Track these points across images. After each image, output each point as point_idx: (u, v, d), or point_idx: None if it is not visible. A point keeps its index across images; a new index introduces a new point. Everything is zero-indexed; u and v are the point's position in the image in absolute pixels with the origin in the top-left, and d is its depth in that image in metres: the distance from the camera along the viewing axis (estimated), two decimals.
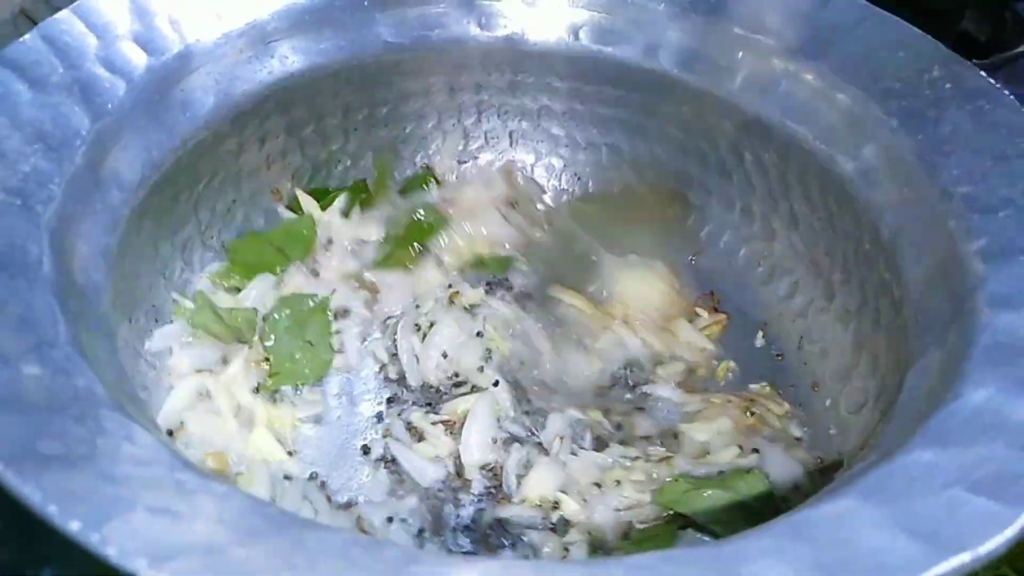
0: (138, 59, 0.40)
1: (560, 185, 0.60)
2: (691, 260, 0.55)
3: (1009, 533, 0.21)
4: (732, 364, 0.49)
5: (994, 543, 0.21)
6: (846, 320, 0.48)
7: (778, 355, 0.51)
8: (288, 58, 0.48)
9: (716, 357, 0.50)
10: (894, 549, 0.21)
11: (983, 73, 0.41)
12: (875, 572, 0.20)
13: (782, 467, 0.40)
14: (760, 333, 0.52)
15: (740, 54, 0.49)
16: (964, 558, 0.20)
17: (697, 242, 0.54)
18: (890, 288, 0.42)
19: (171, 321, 0.45)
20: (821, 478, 0.40)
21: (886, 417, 0.33)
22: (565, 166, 0.60)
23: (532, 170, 0.60)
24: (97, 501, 0.21)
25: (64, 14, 0.39)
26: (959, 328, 0.32)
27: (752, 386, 0.48)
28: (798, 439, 0.45)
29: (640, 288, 0.52)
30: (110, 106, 0.38)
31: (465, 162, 0.60)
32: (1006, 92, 0.40)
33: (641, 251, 0.53)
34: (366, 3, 0.50)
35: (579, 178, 0.60)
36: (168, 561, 0.19)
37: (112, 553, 0.19)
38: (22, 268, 0.29)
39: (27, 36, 0.37)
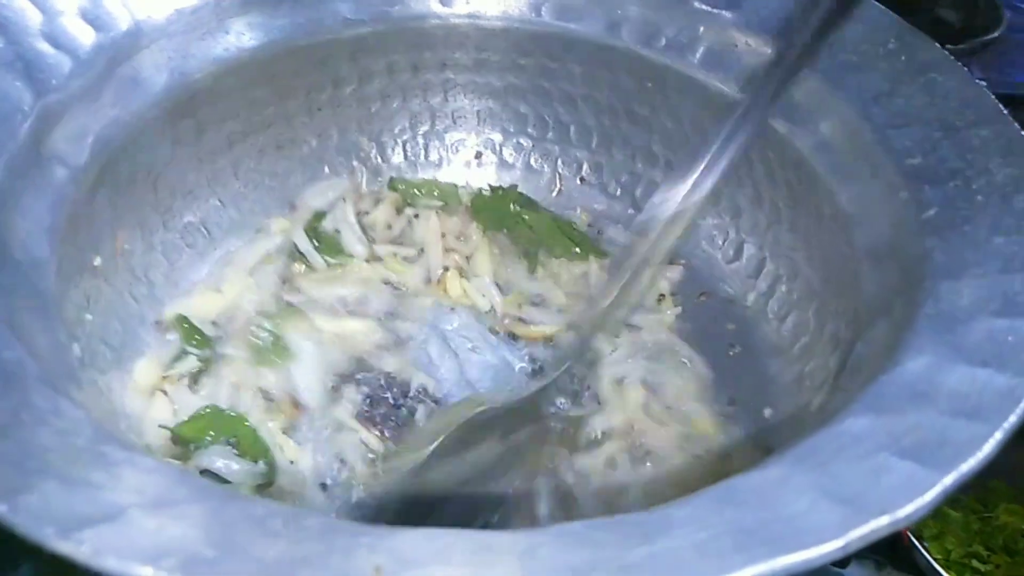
0: (85, 36, 0.40)
1: (531, 164, 0.60)
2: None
3: (930, 496, 0.21)
4: None
5: (914, 506, 0.21)
6: (811, 297, 0.48)
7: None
8: (244, 35, 0.48)
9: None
10: (815, 513, 0.21)
11: (937, 44, 0.41)
12: (793, 536, 0.20)
13: None
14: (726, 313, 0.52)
15: (701, 29, 0.49)
16: (882, 521, 0.20)
17: None
18: (848, 261, 0.42)
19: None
20: None
21: (832, 388, 0.33)
22: (534, 145, 0.60)
23: (500, 150, 0.60)
24: (12, 471, 0.20)
25: None
26: (905, 298, 0.32)
27: None
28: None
29: None
30: (54, 82, 0.37)
31: (433, 142, 0.60)
32: (959, 64, 0.40)
33: None
34: None
35: (547, 157, 0.59)
36: (77, 530, 0.19)
37: (18, 522, 0.19)
38: None
39: None
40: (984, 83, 0.72)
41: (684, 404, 0.46)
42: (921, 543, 0.43)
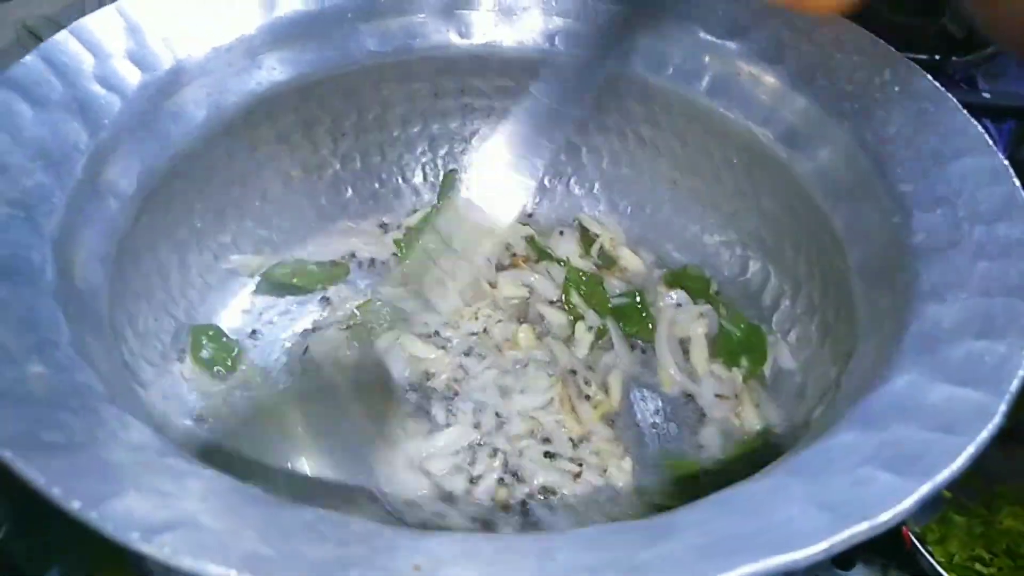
0: (132, 76, 0.43)
1: (544, 184, 0.62)
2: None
3: (906, 503, 0.24)
4: None
5: (891, 513, 0.24)
6: (812, 312, 0.50)
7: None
8: (275, 69, 0.51)
9: None
10: (803, 519, 0.24)
11: (928, 76, 0.43)
12: (784, 539, 0.23)
13: None
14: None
15: (707, 58, 0.51)
16: (863, 526, 0.23)
17: None
18: (846, 280, 0.44)
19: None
20: None
21: (827, 403, 0.36)
22: (547, 166, 0.62)
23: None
24: (95, 483, 0.23)
25: (62, 35, 0.41)
26: (895, 318, 0.34)
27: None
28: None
29: None
30: (106, 121, 0.40)
31: (451, 164, 0.63)
32: (948, 95, 0.42)
33: None
34: (349, 15, 0.52)
35: (560, 177, 0.62)
36: (158, 534, 0.22)
37: (109, 528, 0.22)
38: (26, 276, 0.32)
39: (28, 57, 0.40)
40: (988, 95, 0.74)
41: None
42: (925, 547, 0.44)
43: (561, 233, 0.60)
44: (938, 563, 0.43)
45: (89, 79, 0.41)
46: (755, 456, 0.46)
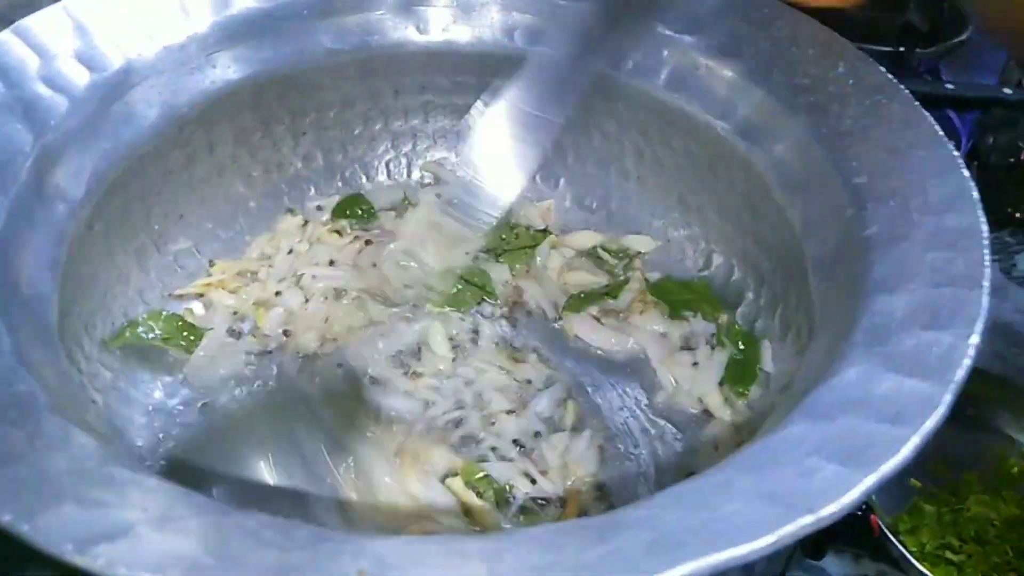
0: (80, 76, 0.42)
1: None
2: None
3: (852, 495, 0.24)
4: None
5: (837, 504, 0.24)
6: (775, 304, 0.50)
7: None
8: (230, 67, 0.50)
9: None
10: (750, 513, 0.24)
11: (882, 68, 0.43)
12: (730, 533, 0.23)
13: None
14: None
15: (665, 52, 0.52)
16: (808, 519, 0.23)
17: None
18: (804, 273, 0.44)
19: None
20: None
21: (782, 395, 0.36)
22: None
23: None
24: (30, 496, 0.23)
25: (4, 35, 0.41)
26: (847, 310, 0.35)
27: None
28: None
29: None
30: (53, 123, 0.40)
31: (415, 161, 0.62)
32: (901, 87, 0.42)
33: None
34: (305, 12, 0.52)
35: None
36: (93, 546, 0.21)
37: (40, 540, 0.21)
38: None
39: None
40: (951, 86, 0.75)
41: None
42: (897, 537, 0.44)
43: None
44: (910, 553, 0.43)
45: (34, 80, 0.40)
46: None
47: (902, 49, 0.75)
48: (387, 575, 0.23)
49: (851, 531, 0.46)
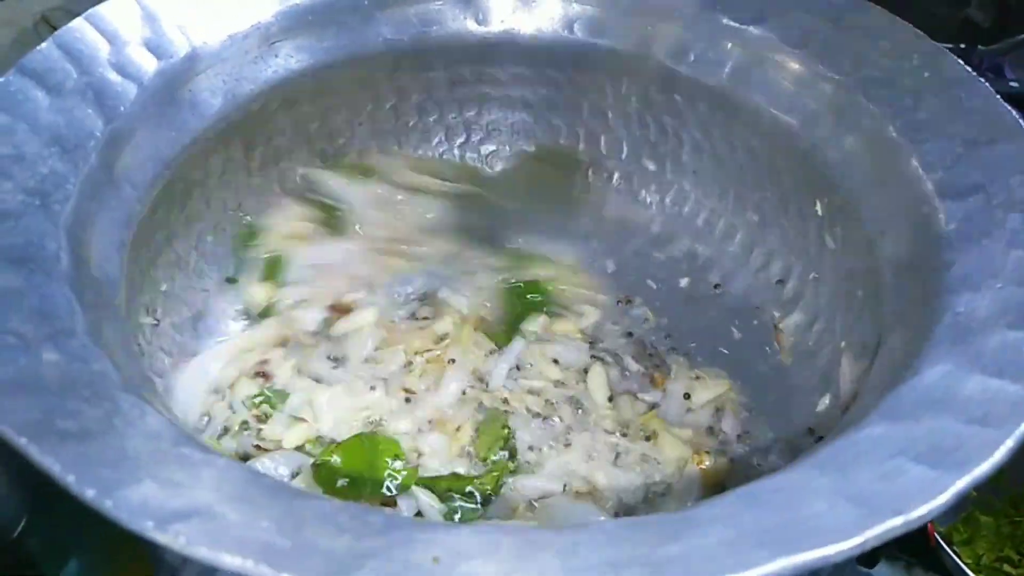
0: (148, 63, 0.43)
1: None
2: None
3: (942, 498, 0.23)
4: None
5: (927, 507, 0.23)
6: (837, 304, 0.49)
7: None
8: (292, 57, 0.50)
9: None
10: (833, 514, 0.23)
11: (960, 62, 0.42)
12: (812, 534, 0.22)
13: None
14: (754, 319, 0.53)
15: (729, 45, 0.50)
16: (896, 521, 0.22)
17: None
18: (874, 271, 0.43)
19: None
20: None
21: (856, 395, 0.35)
22: None
23: None
24: (109, 472, 0.23)
25: (77, 22, 0.41)
26: (925, 309, 0.34)
27: None
28: None
29: None
30: (122, 108, 0.40)
31: (468, 154, 0.62)
32: (981, 80, 0.41)
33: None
34: (366, 2, 0.52)
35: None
36: (172, 523, 0.21)
37: (123, 516, 0.21)
38: (41, 263, 0.32)
39: (43, 45, 0.39)
40: (1016, 84, 0.72)
41: None
42: (951, 548, 0.43)
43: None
44: (965, 564, 0.42)
45: (105, 66, 0.41)
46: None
47: (963, 46, 0.72)
48: (461, 564, 0.22)
49: (905, 539, 0.45)
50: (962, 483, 0.23)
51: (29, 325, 0.28)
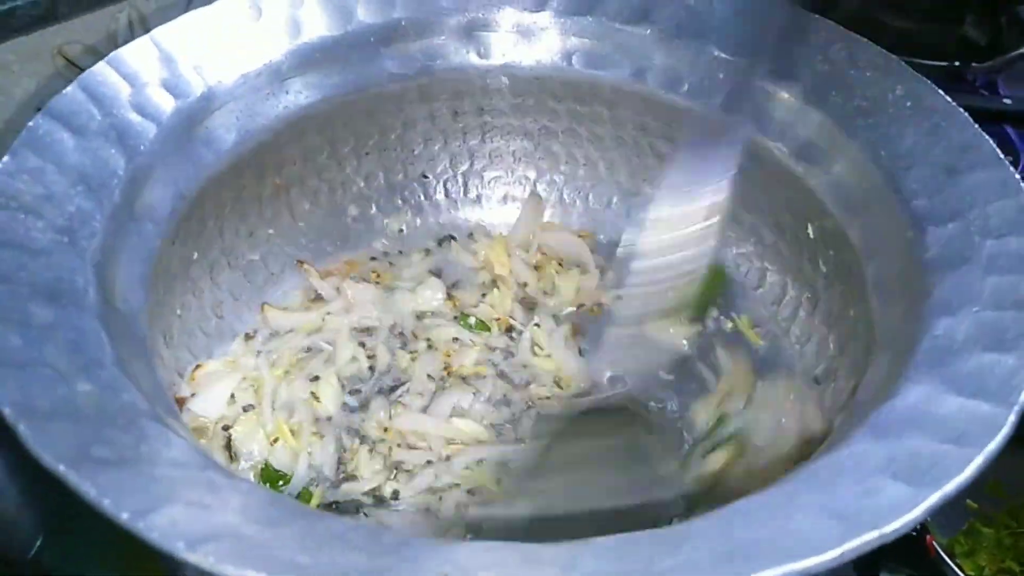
0: (166, 103, 0.45)
1: (563, 199, 0.64)
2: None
3: (916, 512, 0.25)
4: None
5: (901, 521, 0.24)
6: (830, 323, 0.51)
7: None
8: (301, 93, 0.52)
9: None
10: (815, 529, 0.25)
11: (941, 92, 0.44)
12: (795, 548, 0.24)
13: None
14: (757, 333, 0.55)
15: (721, 75, 0.53)
16: (872, 535, 0.24)
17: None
18: (862, 293, 0.45)
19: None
20: None
21: (843, 414, 0.37)
22: (566, 181, 0.64)
23: (535, 185, 0.64)
24: (142, 496, 0.25)
25: (100, 66, 0.43)
26: (907, 331, 0.35)
27: None
28: None
29: None
30: (142, 147, 0.42)
31: (472, 180, 0.64)
32: (960, 110, 0.43)
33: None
34: (371, 39, 0.54)
35: (579, 192, 0.63)
36: (202, 544, 0.23)
37: (155, 537, 0.23)
38: (72, 298, 0.34)
39: (68, 88, 0.42)
40: (1009, 101, 0.74)
41: None
42: (953, 560, 0.44)
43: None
44: None
45: (126, 107, 0.43)
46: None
47: (958, 64, 0.74)
48: None
49: (905, 551, 0.46)
50: (934, 499, 0.25)
51: (64, 358, 0.30)
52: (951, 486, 0.25)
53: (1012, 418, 0.28)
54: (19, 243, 0.34)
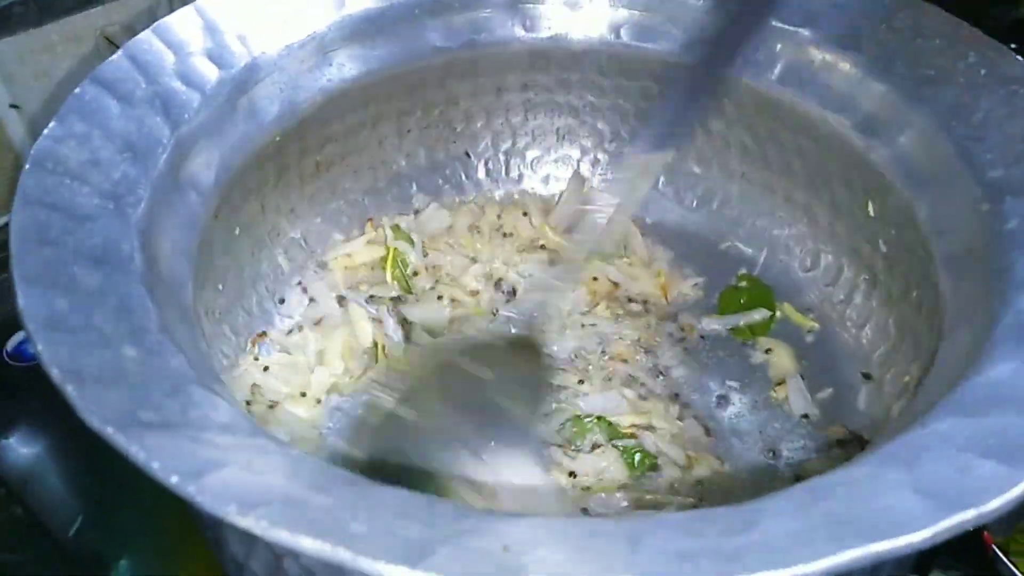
0: (210, 72, 0.44)
1: (608, 179, 0.62)
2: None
3: (1015, 492, 0.23)
4: None
5: (999, 501, 0.23)
6: (890, 305, 0.49)
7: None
8: (345, 65, 0.51)
9: None
10: (903, 507, 0.23)
11: (1020, 58, 0.42)
12: (883, 527, 0.22)
13: None
14: (810, 319, 0.53)
15: (778, 46, 0.50)
16: (969, 514, 0.22)
17: None
18: (928, 272, 0.43)
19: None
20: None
21: (914, 394, 0.35)
22: (610, 160, 0.62)
23: (578, 165, 0.63)
24: (191, 460, 0.24)
25: (145, 34, 0.43)
26: (986, 308, 0.33)
27: None
28: None
29: None
30: (187, 116, 0.42)
31: (513, 159, 0.63)
32: None
33: None
34: (416, 11, 0.53)
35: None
36: (254, 508, 0.22)
37: (206, 501, 0.22)
38: (117, 264, 0.33)
39: (114, 56, 0.41)
40: None
41: None
42: (1008, 559, 0.42)
43: None
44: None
45: (171, 76, 0.42)
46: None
47: (1013, 46, 0.71)
48: (530, 552, 0.23)
49: (960, 549, 0.44)
50: None
51: (110, 322, 0.29)
52: None
53: None
54: (65, 207, 0.34)
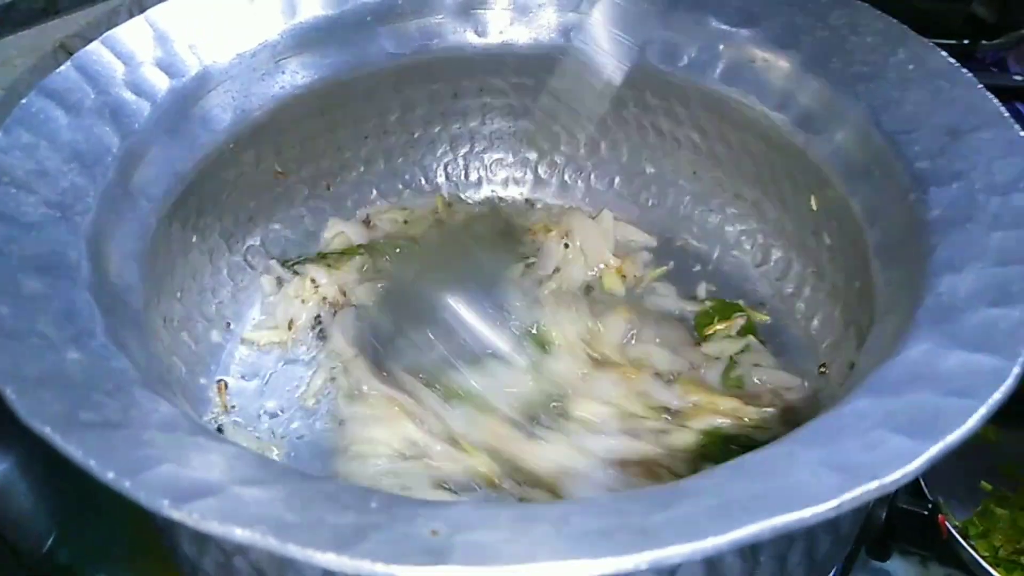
0: (161, 82, 0.45)
1: (565, 180, 0.63)
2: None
3: (917, 463, 0.24)
4: None
5: (902, 472, 0.24)
6: (835, 296, 0.50)
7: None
8: (298, 73, 0.52)
9: None
10: (816, 481, 0.24)
11: (944, 53, 0.43)
12: (797, 499, 0.23)
13: None
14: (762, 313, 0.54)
15: (720, 46, 0.52)
16: (872, 486, 0.23)
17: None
18: (865, 261, 0.44)
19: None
20: None
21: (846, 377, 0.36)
22: (567, 162, 0.63)
23: (536, 167, 0.64)
24: (128, 457, 0.25)
25: (94, 45, 0.43)
26: (911, 293, 0.34)
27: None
28: None
29: None
30: (136, 126, 0.42)
31: (473, 163, 0.64)
32: (964, 71, 0.42)
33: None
34: (368, 18, 0.54)
35: (581, 171, 0.63)
36: (187, 502, 0.23)
37: (141, 496, 0.23)
38: (64, 271, 0.33)
39: (62, 67, 0.42)
40: (1020, 77, 0.73)
41: None
42: (967, 541, 0.43)
43: None
44: (982, 557, 0.42)
45: (120, 86, 0.43)
46: None
47: (967, 42, 0.73)
48: (457, 535, 0.24)
49: (918, 532, 0.45)
50: (935, 450, 0.24)
51: (54, 327, 0.30)
52: (953, 437, 0.25)
53: (1017, 370, 0.27)
54: (10, 217, 0.34)
